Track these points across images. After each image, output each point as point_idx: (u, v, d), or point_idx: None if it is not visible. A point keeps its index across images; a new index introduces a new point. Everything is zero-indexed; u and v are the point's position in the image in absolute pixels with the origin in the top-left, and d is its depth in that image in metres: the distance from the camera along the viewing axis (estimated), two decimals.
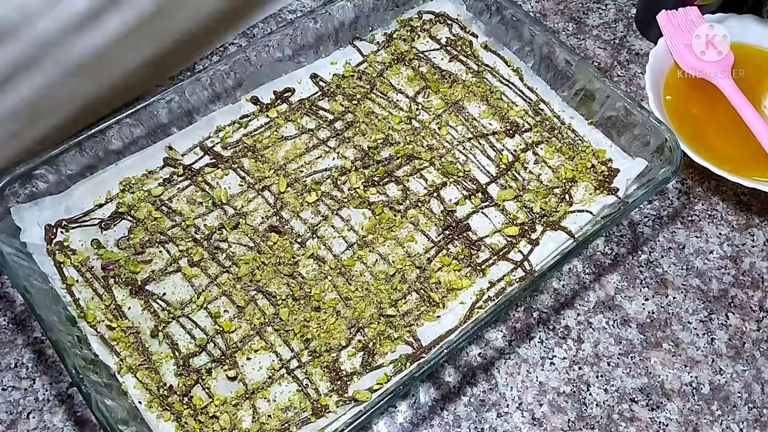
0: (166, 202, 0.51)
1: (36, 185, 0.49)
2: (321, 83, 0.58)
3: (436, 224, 0.50)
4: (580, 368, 0.48)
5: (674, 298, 0.51)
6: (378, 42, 0.60)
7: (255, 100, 0.56)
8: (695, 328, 0.50)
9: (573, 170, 0.53)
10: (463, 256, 0.49)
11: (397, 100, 0.57)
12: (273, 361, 0.45)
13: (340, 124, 0.55)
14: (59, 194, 0.50)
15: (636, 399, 0.47)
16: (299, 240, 0.49)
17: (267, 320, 0.46)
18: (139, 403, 0.43)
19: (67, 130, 0.55)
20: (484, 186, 0.52)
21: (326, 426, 0.43)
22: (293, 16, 0.65)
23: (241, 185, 0.52)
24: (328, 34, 0.59)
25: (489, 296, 0.47)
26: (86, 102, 0.56)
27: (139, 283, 0.47)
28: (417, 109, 0.56)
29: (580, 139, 0.55)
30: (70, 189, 0.51)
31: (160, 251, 0.49)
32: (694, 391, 0.48)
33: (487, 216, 0.51)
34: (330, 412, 0.43)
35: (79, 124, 0.56)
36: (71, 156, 0.50)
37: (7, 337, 0.48)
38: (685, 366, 0.49)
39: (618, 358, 0.49)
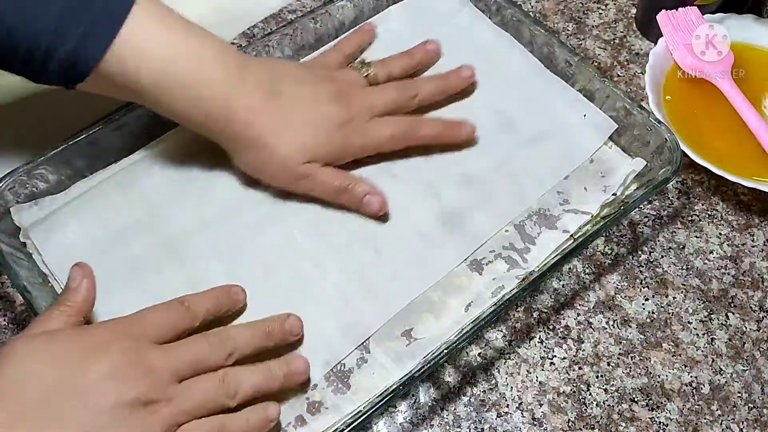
0: None
1: (36, 185, 0.49)
2: None
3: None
4: (580, 368, 0.48)
5: (674, 298, 0.51)
6: None
7: None
8: (695, 328, 0.50)
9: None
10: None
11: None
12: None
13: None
14: (59, 194, 0.50)
15: (636, 399, 0.47)
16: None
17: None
18: None
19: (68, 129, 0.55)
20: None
21: (325, 426, 0.43)
22: (293, 16, 0.65)
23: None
24: (328, 33, 0.59)
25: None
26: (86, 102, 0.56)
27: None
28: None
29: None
30: (70, 188, 0.51)
31: None
32: (694, 391, 0.48)
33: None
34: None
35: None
36: (71, 155, 0.50)
37: (7, 337, 0.48)
38: (685, 366, 0.49)
39: (618, 358, 0.49)
